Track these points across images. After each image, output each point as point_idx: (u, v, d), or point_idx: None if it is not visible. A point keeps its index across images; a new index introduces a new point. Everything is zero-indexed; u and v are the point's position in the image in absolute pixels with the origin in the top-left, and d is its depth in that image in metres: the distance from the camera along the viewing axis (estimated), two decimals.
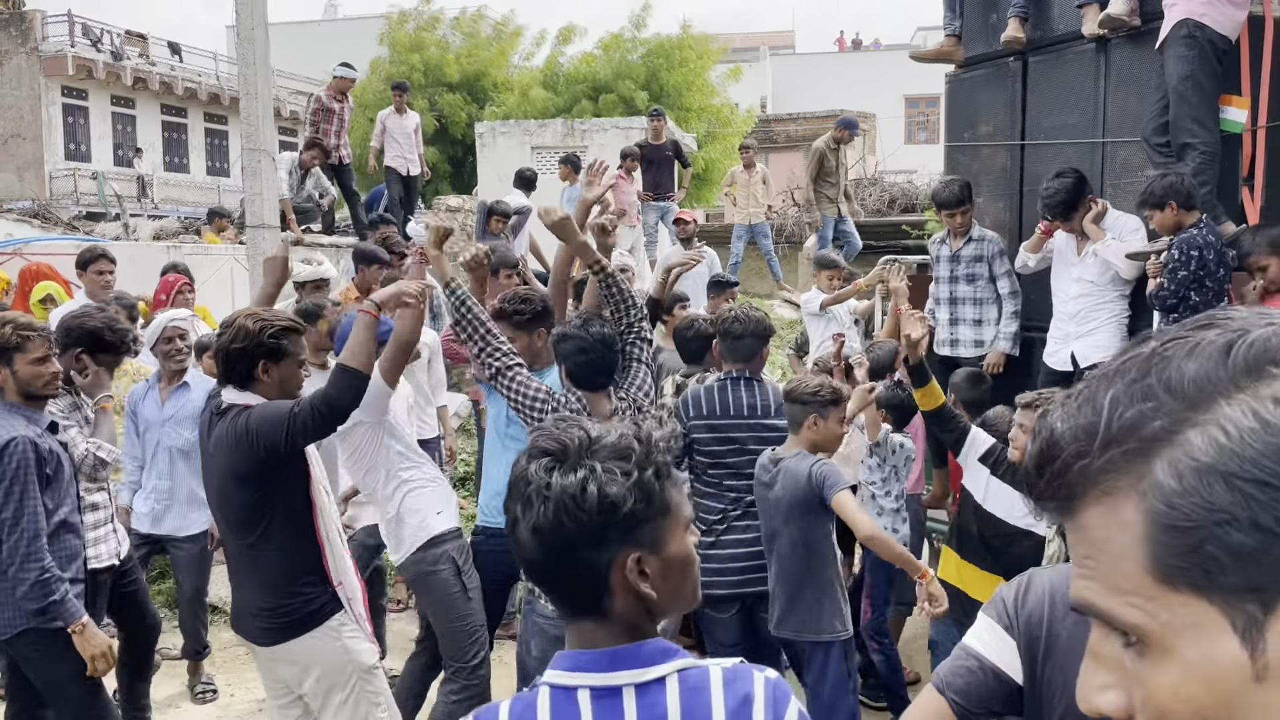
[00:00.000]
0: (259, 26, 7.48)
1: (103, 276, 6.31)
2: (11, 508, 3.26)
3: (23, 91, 26.76)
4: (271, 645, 3.30)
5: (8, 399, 3.43)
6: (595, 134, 13.58)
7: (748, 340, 4.16)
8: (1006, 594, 1.72)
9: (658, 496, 1.38)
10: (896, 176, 21.10)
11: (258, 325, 3.17)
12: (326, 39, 32.39)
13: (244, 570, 3.31)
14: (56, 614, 3.32)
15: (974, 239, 5.73)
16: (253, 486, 3.16)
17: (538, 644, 3.66)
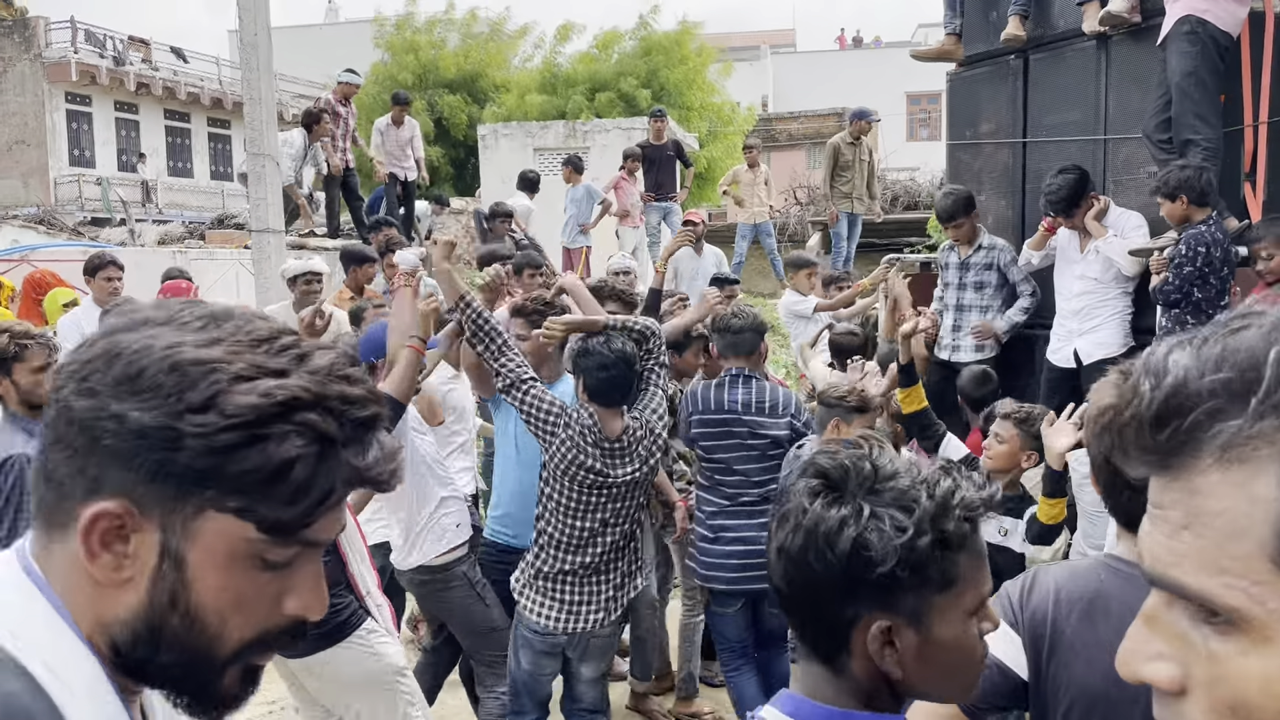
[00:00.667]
0: (262, 32, 7.51)
1: (110, 283, 6.34)
2: (4, 527, 3.20)
3: (26, 98, 26.82)
4: (304, 657, 3.31)
5: (10, 408, 3.42)
6: (597, 135, 13.61)
7: (747, 334, 4.18)
8: (1011, 591, 1.76)
9: (934, 567, 1.16)
10: (899, 174, 21.10)
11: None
12: (328, 42, 32.47)
13: None
14: None
15: (984, 247, 5.69)
16: None
17: (526, 656, 3.70)
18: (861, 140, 11.18)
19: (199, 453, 0.80)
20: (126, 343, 0.83)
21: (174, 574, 0.83)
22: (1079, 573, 1.74)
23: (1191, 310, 4.55)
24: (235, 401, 0.80)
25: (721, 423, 4.12)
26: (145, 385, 0.81)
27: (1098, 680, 1.62)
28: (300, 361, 0.85)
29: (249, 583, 0.85)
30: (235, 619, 0.85)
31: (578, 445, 3.50)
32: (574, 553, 3.61)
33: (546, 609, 3.63)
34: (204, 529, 0.83)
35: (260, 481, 0.81)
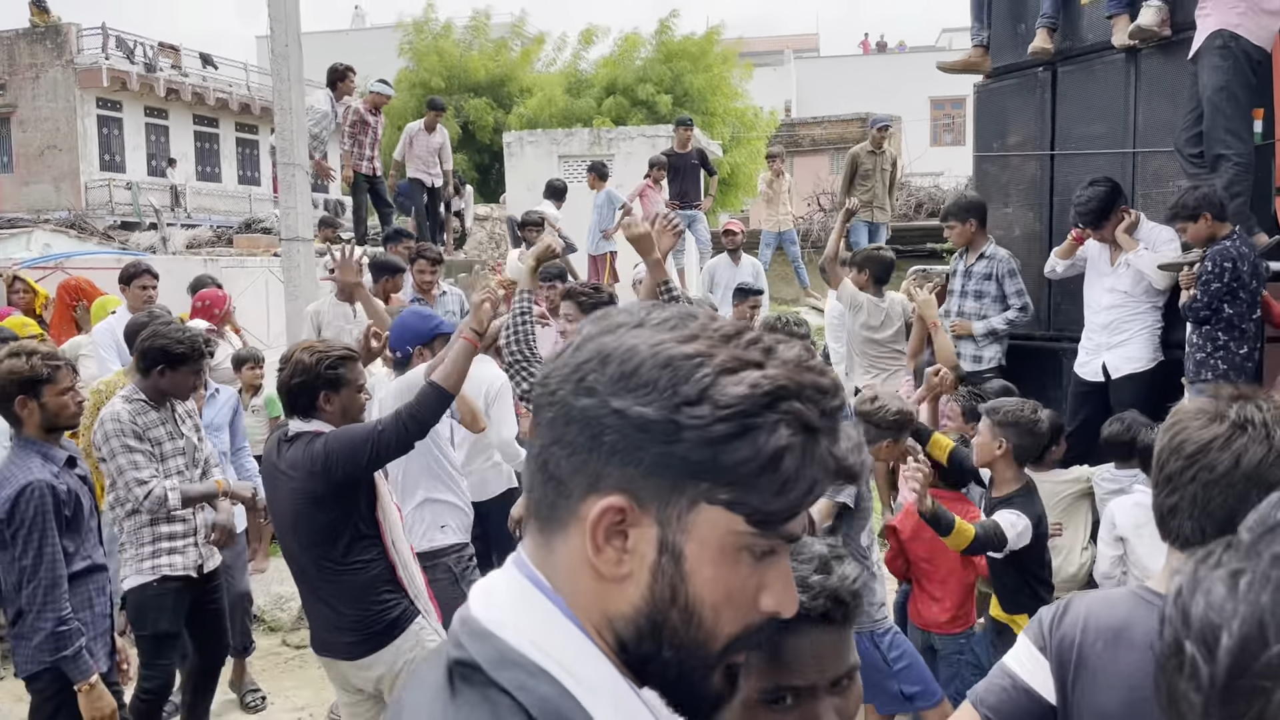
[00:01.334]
0: (293, 43, 7.59)
1: (145, 291, 6.42)
2: (30, 555, 3.23)
3: (59, 104, 27.18)
4: (361, 658, 3.37)
5: (26, 433, 3.41)
6: (622, 142, 13.64)
7: (807, 339, 4.23)
8: (1045, 615, 1.78)
9: None
10: (923, 180, 21.05)
11: (314, 358, 3.28)
12: (354, 47, 32.67)
13: (322, 588, 3.37)
14: (66, 669, 3.29)
15: (986, 256, 5.73)
16: (329, 507, 3.25)
17: None
18: (883, 149, 11.19)
19: (695, 444, 0.82)
20: (613, 344, 0.85)
21: (673, 568, 0.85)
22: (1112, 601, 1.75)
23: (1224, 326, 4.53)
24: (726, 393, 0.82)
25: None
26: (641, 381, 0.83)
27: (1117, 709, 1.64)
28: (769, 354, 0.85)
29: (737, 577, 0.86)
30: (726, 614, 0.86)
31: None
32: None
33: None
34: (698, 522, 0.84)
35: (752, 472, 0.83)
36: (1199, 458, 1.55)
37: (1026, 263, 5.77)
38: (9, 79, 27.41)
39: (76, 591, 3.38)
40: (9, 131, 27.68)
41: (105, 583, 3.59)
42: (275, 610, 6.32)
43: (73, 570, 3.37)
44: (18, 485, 3.24)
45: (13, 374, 3.34)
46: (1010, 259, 5.71)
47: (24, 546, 3.22)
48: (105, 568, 3.59)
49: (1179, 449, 1.57)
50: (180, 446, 4.09)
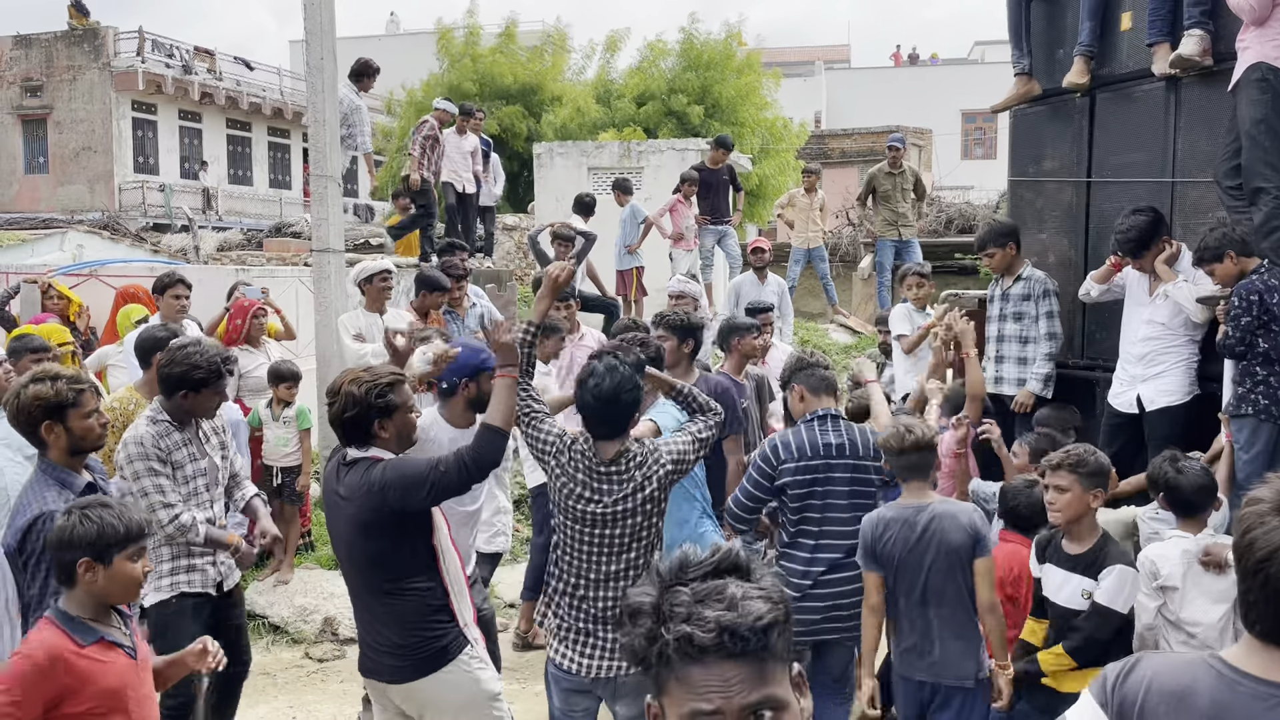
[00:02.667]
0: (328, 56, 7.63)
1: (179, 301, 6.48)
2: (38, 586, 3.22)
3: (94, 106, 27.54)
4: (405, 683, 3.39)
5: (50, 457, 3.40)
6: (651, 155, 13.64)
7: (831, 370, 4.19)
8: (1110, 672, 1.77)
9: None
10: (953, 194, 20.91)
11: (363, 389, 3.31)
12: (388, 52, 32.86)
13: (374, 610, 3.41)
14: None
15: (1023, 278, 5.73)
16: (381, 535, 3.28)
17: (555, 693, 3.67)
18: (901, 167, 11.16)
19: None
20: None
21: None
22: (1178, 666, 1.73)
23: (1260, 360, 4.45)
24: None
25: (816, 469, 4.01)
26: None
27: None
28: None
29: None
30: None
31: (567, 471, 3.50)
32: (584, 594, 3.54)
33: (564, 652, 3.58)
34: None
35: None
36: (1267, 565, 1.55)
37: (1061, 289, 5.72)
38: (46, 81, 27.82)
39: None
40: (45, 133, 28.08)
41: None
42: (299, 623, 6.34)
43: None
44: (30, 516, 3.23)
45: (38, 400, 3.34)
46: (1047, 280, 5.69)
47: (32, 577, 3.22)
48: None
49: (1250, 549, 1.57)
50: (202, 467, 4.10)
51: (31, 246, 14.58)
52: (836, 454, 4.02)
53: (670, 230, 10.89)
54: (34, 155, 28.39)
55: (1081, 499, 3.60)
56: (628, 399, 3.47)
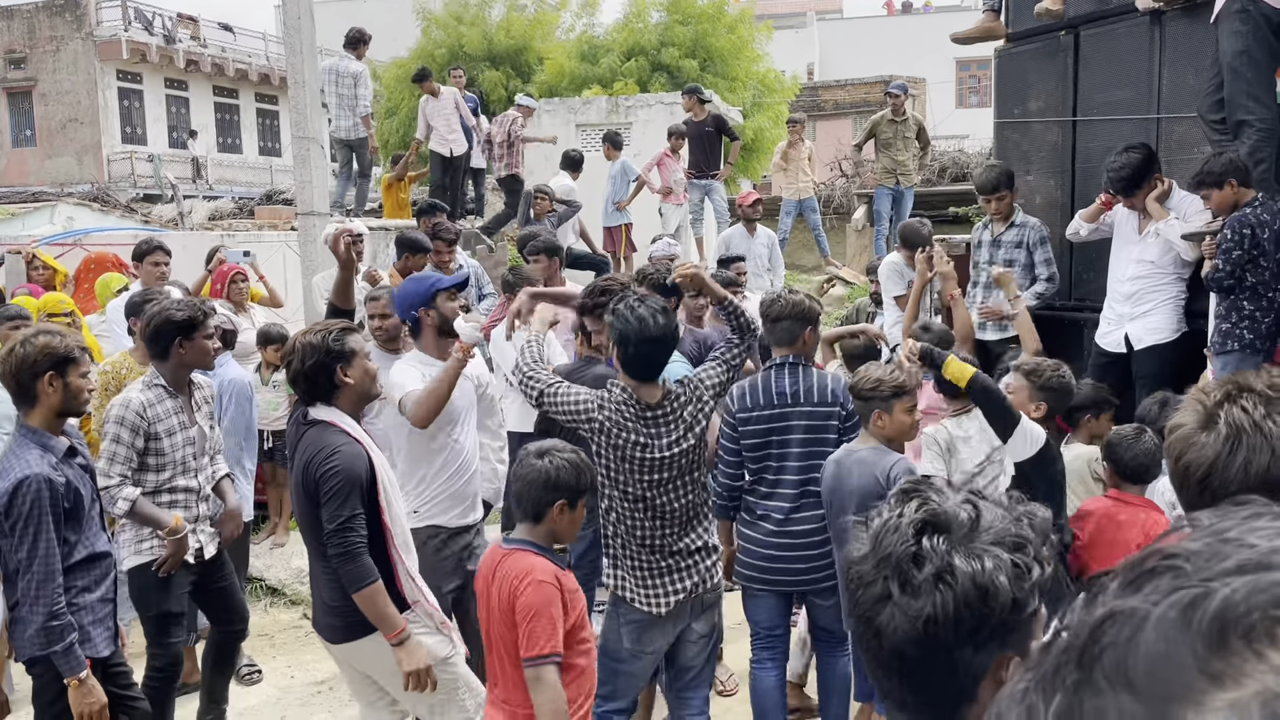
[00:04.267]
0: (305, 16, 7.54)
1: (158, 268, 6.44)
2: (25, 548, 3.24)
3: (79, 77, 27.26)
4: (339, 644, 3.45)
5: (31, 421, 3.39)
6: (640, 110, 13.51)
7: (785, 323, 4.08)
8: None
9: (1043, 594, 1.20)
10: (948, 143, 20.74)
11: (319, 337, 3.33)
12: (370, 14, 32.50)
13: (316, 569, 3.47)
14: (56, 663, 3.30)
15: (1016, 224, 5.67)
16: (319, 505, 3.30)
17: (629, 635, 3.61)
18: (904, 114, 11.04)
19: None
20: None
21: None
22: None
23: (1248, 295, 4.44)
24: None
25: (771, 417, 4.00)
26: None
27: None
28: None
29: None
30: None
31: (617, 422, 3.45)
32: (658, 540, 3.54)
33: (643, 596, 3.55)
34: None
35: None
36: (1208, 480, 1.50)
37: (1049, 231, 5.68)
38: (30, 52, 27.51)
39: (78, 578, 3.40)
40: (31, 105, 27.83)
41: (110, 568, 3.61)
42: (296, 584, 6.37)
43: (75, 560, 3.39)
44: (14, 479, 3.24)
45: (47, 350, 3.35)
46: (1041, 227, 5.64)
47: (19, 539, 3.23)
48: (109, 554, 3.61)
49: (1188, 472, 1.52)
50: (191, 436, 4.10)
51: (22, 220, 14.50)
52: (791, 401, 4.00)
53: (658, 185, 10.81)
54: (20, 128, 28.15)
55: (1024, 406, 3.73)
56: (673, 336, 3.49)
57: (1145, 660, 0.50)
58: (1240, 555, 0.52)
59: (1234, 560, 0.52)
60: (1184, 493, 1.55)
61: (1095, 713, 0.50)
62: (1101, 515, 3.70)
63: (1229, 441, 1.46)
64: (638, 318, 3.39)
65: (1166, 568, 0.54)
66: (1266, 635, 0.47)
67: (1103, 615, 0.54)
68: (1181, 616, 0.50)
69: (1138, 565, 0.55)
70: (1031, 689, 0.55)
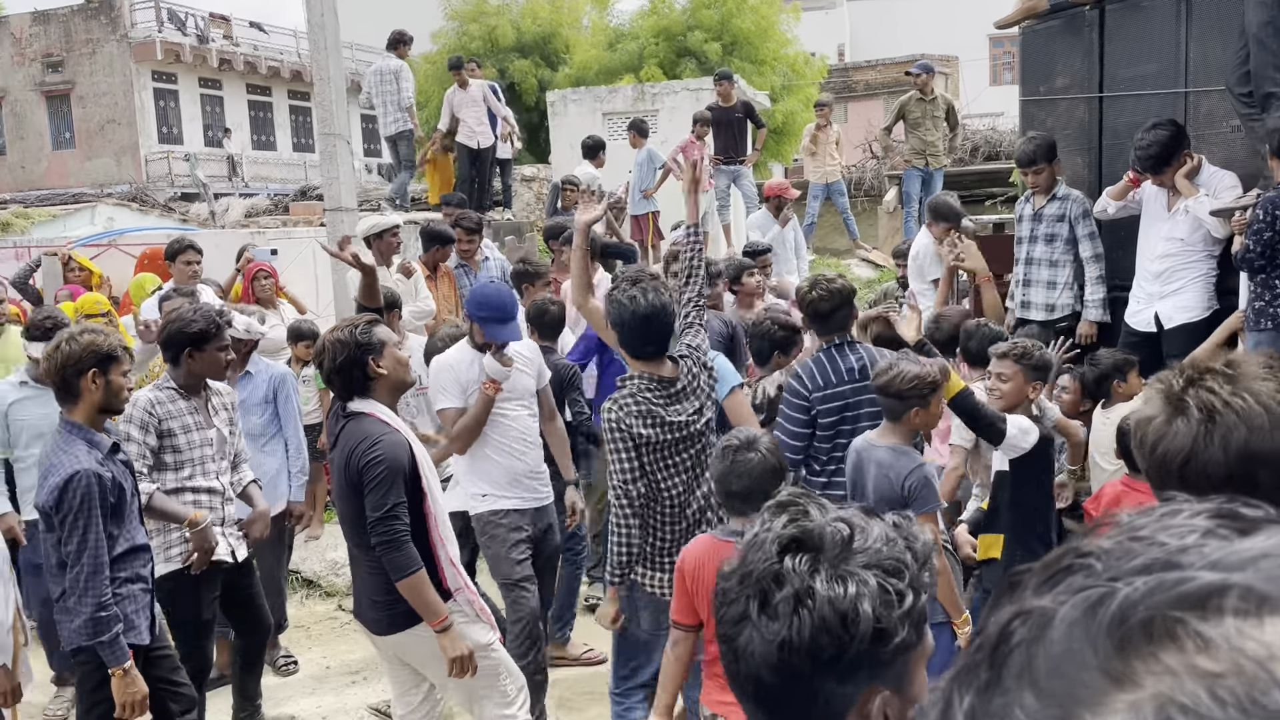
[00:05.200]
0: (329, 13, 7.59)
1: (190, 266, 6.55)
2: (75, 541, 3.33)
3: (115, 79, 27.66)
4: (384, 635, 3.50)
5: (74, 416, 3.49)
6: (666, 97, 13.47)
7: (841, 312, 4.09)
8: None
9: (921, 623, 1.12)
10: (981, 121, 20.48)
11: (346, 332, 3.38)
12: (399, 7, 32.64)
13: (359, 562, 3.52)
14: (102, 653, 3.39)
15: (1058, 197, 5.53)
16: (361, 497, 3.34)
17: (646, 617, 3.67)
18: (932, 93, 10.90)
19: None
20: None
21: None
22: None
23: (1278, 275, 4.35)
24: None
25: (845, 393, 3.97)
26: None
27: None
28: None
29: None
30: None
31: (640, 412, 3.49)
32: (682, 522, 3.59)
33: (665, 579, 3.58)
34: None
35: None
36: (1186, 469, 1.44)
37: (1091, 204, 5.60)
38: (66, 55, 27.96)
39: (122, 569, 3.51)
40: (69, 108, 28.29)
41: (149, 560, 3.71)
42: (330, 576, 6.47)
43: (118, 552, 3.49)
44: (65, 474, 3.32)
45: (92, 347, 3.44)
46: (1084, 200, 5.48)
47: (69, 533, 3.33)
48: (148, 547, 3.71)
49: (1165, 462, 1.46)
50: (209, 437, 4.16)
51: (63, 221, 14.77)
52: (861, 376, 3.98)
53: (680, 172, 10.79)
54: (60, 131, 28.64)
55: (1022, 389, 3.88)
56: (664, 311, 3.53)
57: (1050, 660, 0.49)
58: (1149, 554, 0.51)
59: (1142, 559, 0.51)
60: (1164, 484, 1.49)
61: (1001, 711, 0.49)
62: (1109, 500, 3.72)
63: (1202, 424, 1.42)
64: (628, 297, 3.49)
65: (1079, 565, 0.53)
66: (1166, 636, 0.47)
67: (1013, 613, 0.53)
68: (1085, 616, 0.49)
69: (1054, 563, 0.54)
70: (948, 686, 0.54)
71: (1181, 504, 0.56)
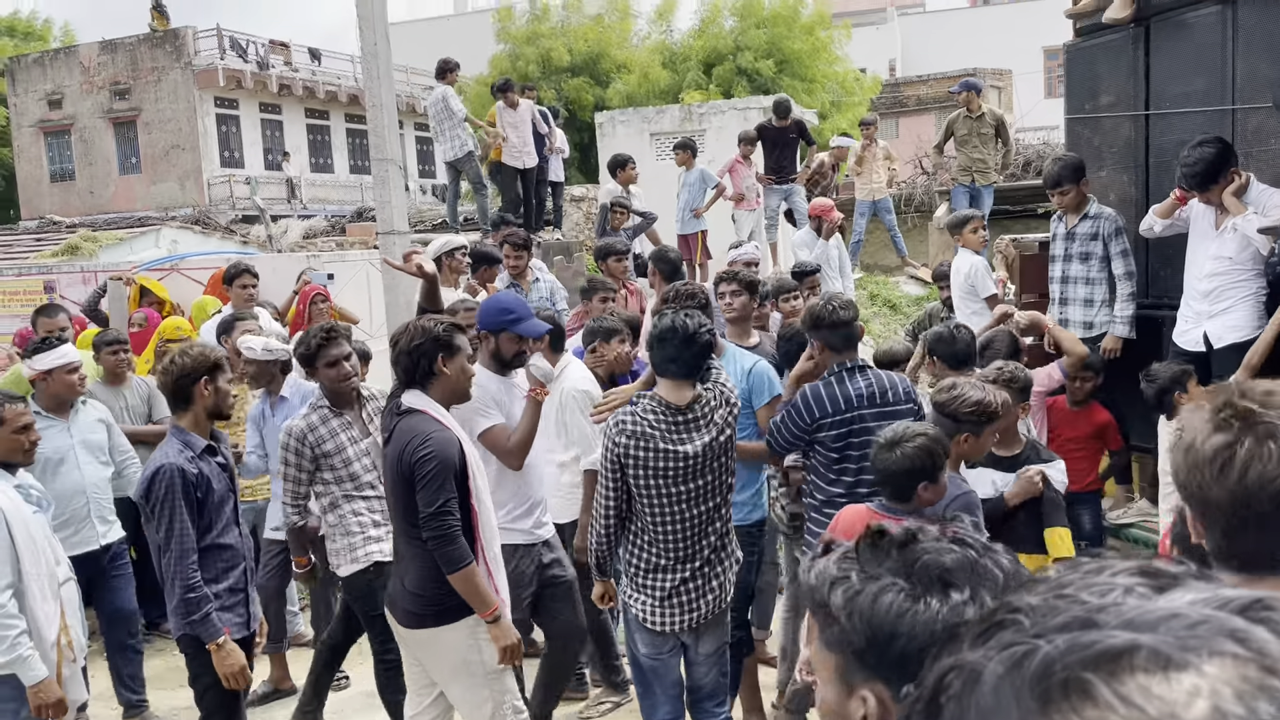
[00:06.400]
0: (381, 41, 7.77)
1: (246, 290, 6.73)
2: (163, 529, 3.60)
3: (179, 105, 28.45)
4: (413, 629, 3.56)
5: (180, 422, 3.76)
6: (713, 117, 13.55)
7: (855, 324, 4.08)
8: None
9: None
10: (1035, 135, 20.26)
11: (433, 323, 3.53)
12: (455, 33, 33.23)
13: (406, 551, 3.57)
14: (196, 631, 3.63)
15: (1090, 216, 5.55)
16: (412, 490, 3.43)
17: (641, 639, 3.72)
18: (978, 110, 10.83)
19: None
20: None
21: None
22: None
23: None
24: None
25: (850, 420, 3.93)
26: None
27: None
28: None
29: None
30: None
31: (642, 434, 3.50)
32: (679, 556, 3.59)
33: (659, 614, 3.64)
34: None
35: None
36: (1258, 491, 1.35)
37: (1124, 221, 5.57)
38: (133, 83, 28.83)
39: (206, 566, 3.70)
40: (136, 134, 29.13)
41: (238, 560, 3.87)
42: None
43: (202, 545, 3.70)
44: (154, 467, 3.65)
45: (203, 358, 3.75)
46: (1116, 218, 5.52)
47: (158, 521, 3.61)
48: (235, 547, 3.85)
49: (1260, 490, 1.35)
50: (364, 448, 4.32)
51: (129, 245, 15.19)
52: (868, 403, 3.95)
53: (731, 192, 10.83)
54: (126, 156, 29.49)
55: (1013, 412, 3.96)
56: (698, 337, 3.52)
57: (979, 713, 0.52)
58: (1070, 611, 0.54)
59: (1063, 616, 0.54)
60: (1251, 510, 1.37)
61: None
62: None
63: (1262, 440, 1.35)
64: (671, 320, 3.53)
65: (1009, 621, 0.56)
66: (1081, 693, 0.50)
67: (948, 666, 0.57)
68: (1009, 672, 0.52)
69: (988, 617, 0.58)
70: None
71: (1108, 562, 0.60)
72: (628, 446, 3.52)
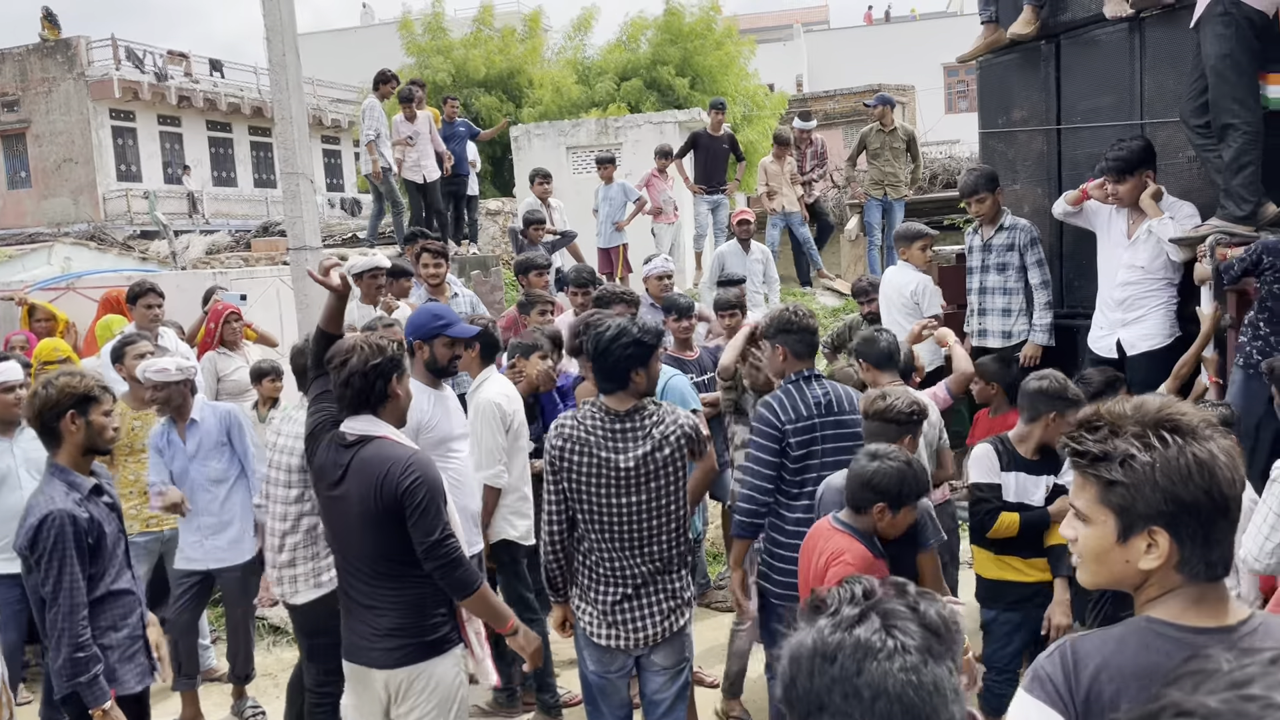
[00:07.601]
0: (290, 52, 7.56)
1: (151, 310, 6.44)
2: (51, 582, 3.30)
3: (72, 117, 27.36)
4: (394, 669, 3.28)
5: (59, 459, 3.46)
6: (629, 130, 13.56)
7: (813, 334, 4.11)
8: (1052, 672, 1.61)
9: None
10: (938, 149, 20.77)
11: (384, 343, 3.28)
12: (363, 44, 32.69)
13: (379, 592, 3.27)
14: (81, 693, 3.34)
15: (1005, 227, 5.70)
16: (388, 527, 3.18)
17: (590, 655, 3.65)
18: (891, 125, 11.04)
19: None
20: None
21: None
22: (1125, 642, 1.58)
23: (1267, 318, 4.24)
24: None
25: (813, 426, 3.94)
26: None
27: None
28: None
29: None
30: None
31: (580, 439, 3.46)
32: (619, 571, 3.52)
33: (605, 632, 3.57)
34: None
35: None
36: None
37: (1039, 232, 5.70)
38: (22, 95, 27.61)
39: (103, 615, 3.45)
40: (25, 147, 27.90)
41: (134, 605, 3.62)
42: None
43: (97, 594, 3.43)
44: (39, 515, 3.32)
45: (68, 390, 3.43)
46: (1031, 228, 5.67)
47: (45, 573, 3.31)
48: (132, 592, 3.61)
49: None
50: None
51: (20, 262, 14.52)
52: (824, 411, 3.97)
53: (649, 205, 10.83)
54: (15, 170, 28.23)
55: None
56: (620, 351, 3.44)
57: None
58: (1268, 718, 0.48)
59: None
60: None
61: None
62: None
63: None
64: (603, 329, 3.50)
65: None
66: None
67: None
68: None
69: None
70: None
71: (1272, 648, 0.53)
72: (564, 449, 3.48)
